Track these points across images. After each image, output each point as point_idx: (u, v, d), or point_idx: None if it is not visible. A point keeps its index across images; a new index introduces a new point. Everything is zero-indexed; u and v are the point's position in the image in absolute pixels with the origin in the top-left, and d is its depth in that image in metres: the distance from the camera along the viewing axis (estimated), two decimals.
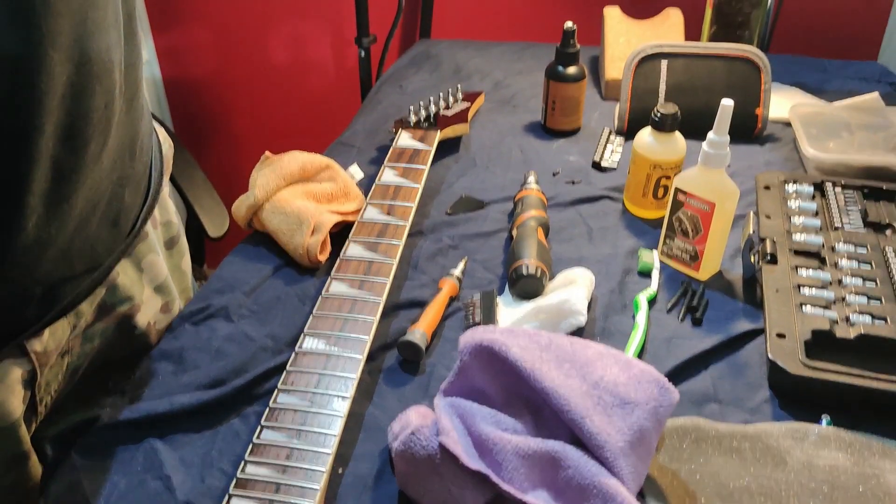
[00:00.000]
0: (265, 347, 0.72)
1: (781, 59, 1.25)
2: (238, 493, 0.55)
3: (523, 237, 0.80)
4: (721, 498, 0.57)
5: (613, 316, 0.76)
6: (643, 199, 0.89)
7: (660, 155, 0.85)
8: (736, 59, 1.04)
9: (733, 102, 0.72)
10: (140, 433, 0.64)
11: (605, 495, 0.52)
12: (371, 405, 0.67)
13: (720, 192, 0.75)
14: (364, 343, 0.67)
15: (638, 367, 0.59)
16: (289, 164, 0.86)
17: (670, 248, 0.82)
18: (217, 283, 0.81)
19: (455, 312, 0.77)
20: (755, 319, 0.74)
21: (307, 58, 1.69)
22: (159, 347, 0.74)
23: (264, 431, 0.59)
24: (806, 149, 0.95)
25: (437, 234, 0.88)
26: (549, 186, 0.96)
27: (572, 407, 0.55)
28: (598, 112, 1.14)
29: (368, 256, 0.77)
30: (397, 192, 0.86)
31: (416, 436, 0.56)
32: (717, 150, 0.74)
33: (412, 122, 1.00)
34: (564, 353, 0.60)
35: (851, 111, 1.03)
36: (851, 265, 0.76)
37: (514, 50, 1.36)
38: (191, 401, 0.65)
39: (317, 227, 0.81)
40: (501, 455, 0.55)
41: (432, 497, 0.55)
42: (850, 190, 0.87)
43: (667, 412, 0.57)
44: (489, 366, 0.60)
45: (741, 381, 0.69)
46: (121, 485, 0.60)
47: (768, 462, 0.59)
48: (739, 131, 1.00)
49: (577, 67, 1.03)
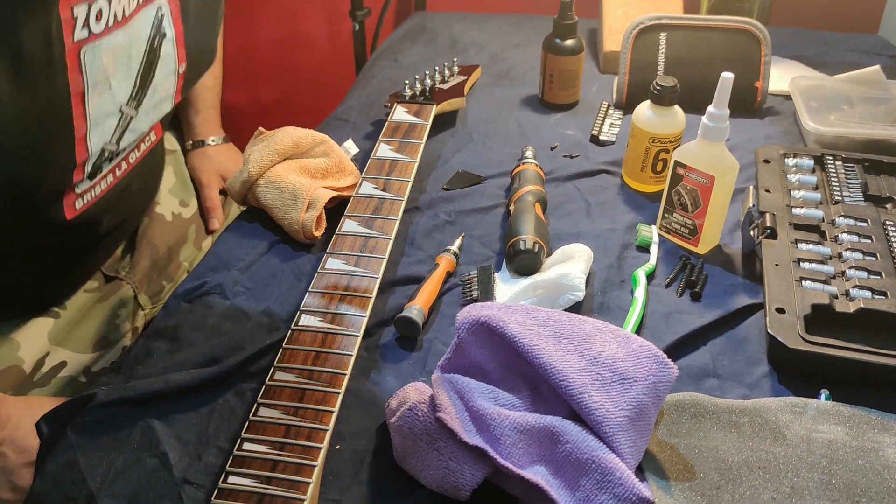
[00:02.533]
0: (261, 324, 0.72)
1: (781, 32, 1.24)
2: (235, 471, 0.55)
3: (521, 212, 0.79)
4: (720, 472, 0.57)
5: (612, 291, 0.75)
6: (642, 173, 0.88)
7: (659, 128, 0.84)
8: (735, 31, 1.02)
9: (733, 75, 0.71)
10: (136, 411, 0.63)
11: (603, 470, 0.52)
12: (368, 381, 0.67)
13: (720, 166, 0.74)
14: (361, 319, 0.66)
15: (636, 343, 0.59)
16: (282, 140, 0.85)
17: (669, 222, 0.81)
18: (212, 259, 0.81)
19: (452, 288, 0.76)
20: (754, 294, 0.74)
21: (300, 32, 1.66)
22: (154, 325, 0.73)
23: (261, 409, 0.59)
24: (806, 122, 0.94)
25: (434, 210, 0.87)
26: (547, 161, 0.95)
27: (571, 382, 0.55)
28: (596, 85, 1.13)
29: (364, 232, 0.76)
30: (393, 168, 0.85)
31: (414, 412, 0.56)
32: (717, 124, 0.73)
33: (407, 96, 0.99)
34: (562, 328, 0.59)
35: (852, 84, 1.02)
36: (852, 239, 0.76)
37: (510, 22, 1.35)
38: (187, 379, 0.65)
39: (312, 202, 0.80)
40: (499, 430, 0.54)
41: (430, 472, 0.55)
42: (850, 163, 0.87)
43: (666, 388, 0.57)
44: (487, 342, 0.60)
45: (740, 356, 0.68)
46: (117, 463, 0.59)
47: (767, 436, 0.59)
48: (739, 104, 0.99)
49: (574, 40, 1.02)
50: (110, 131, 0.71)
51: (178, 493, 0.57)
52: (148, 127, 0.80)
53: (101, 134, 0.70)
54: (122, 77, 0.70)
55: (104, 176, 0.76)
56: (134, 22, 0.69)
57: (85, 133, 0.67)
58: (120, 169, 0.79)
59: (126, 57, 0.70)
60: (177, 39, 0.77)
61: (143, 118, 0.77)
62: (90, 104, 0.66)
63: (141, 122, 0.77)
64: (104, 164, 0.75)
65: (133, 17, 0.69)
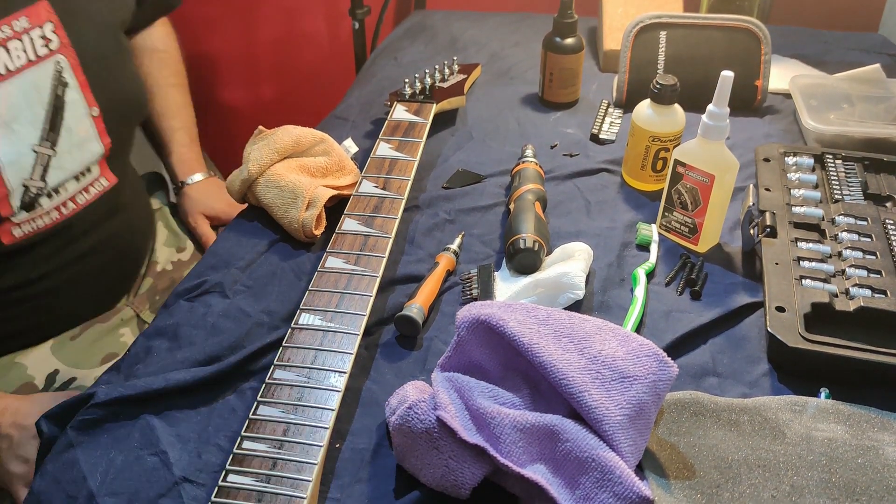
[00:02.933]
0: (261, 323, 0.72)
1: (781, 31, 1.24)
2: (235, 469, 0.55)
3: (521, 211, 0.79)
4: (719, 471, 0.57)
5: (612, 290, 0.75)
6: (642, 171, 0.88)
7: (659, 127, 0.84)
8: (736, 29, 1.02)
9: (733, 74, 0.71)
10: (136, 410, 0.63)
11: (603, 468, 0.52)
12: (368, 380, 0.67)
13: (720, 165, 0.74)
14: (361, 318, 0.66)
15: (636, 341, 0.59)
16: (282, 138, 0.85)
17: (669, 221, 0.81)
18: (212, 258, 0.81)
19: (452, 287, 0.76)
20: (754, 293, 0.74)
21: (300, 30, 1.66)
22: (154, 324, 0.73)
23: (261, 407, 0.59)
24: (806, 121, 0.94)
25: (434, 209, 0.87)
26: (547, 159, 0.95)
27: (570, 381, 0.55)
28: (596, 84, 1.13)
29: (364, 231, 0.76)
30: (393, 166, 0.85)
31: (414, 410, 0.56)
32: (717, 122, 0.73)
33: (407, 94, 0.99)
34: (562, 327, 0.59)
35: (852, 83, 1.02)
36: (851, 238, 0.76)
37: (510, 21, 1.34)
38: (186, 377, 0.65)
39: (312, 201, 0.80)
40: (499, 429, 0.54)
41: (430, 471, 0.55)
42: (850, 162, 0.87)
43: (665, 386, 0.57)
44: (487, 340, 0.60)
45: (740, 355, 0.68)
46: (117, 461, 0.59)
47: (767, 435, 0.59)
48: (739, 103, 0.99)
49: (574, 38, 1.01)
50: (28, 169, 0.79)
51: (178, 492, 0.57)
52: (79, 165, 0.86)
53: (18, 171, 0.78)
54: (25, 121, 0.79)
55: (46, 211, 0.83)
56: (27, 74, 0.78)
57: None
58: (66, 208, 0.86)
59: (25, 104, 0.79)
60: (81, 86, 0.84)
61: (67, 157, 0.84)
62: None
63: (65, 160, 0.83)
64: (40, 199, 0.82)
65: (23, 70, 0.78)
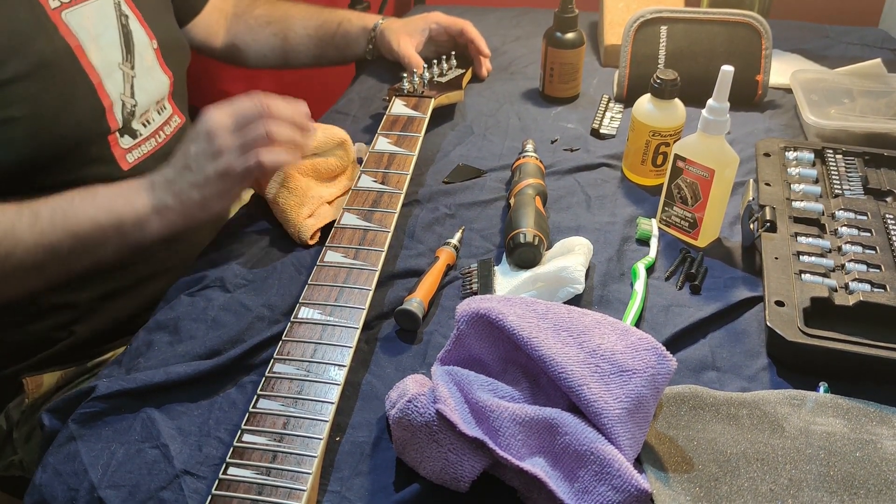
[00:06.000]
0: (261, 317, 0.72)
1: (782, 25, 1.23)
2: (235, 462, 0.55)
3: (521, 205, 0.79)
4: (718, 464, 0.57)
5: (611, 284, 0.75)
6: (642, 166, 0.88)
7: (659, 122, 0.84)
8: (736, 24, 1.02)
9: (733, 69, 0.71)
10: (137, 403, 0.63)
11: (602, 461, 0.52)
12: (368, 374, 0.67)
13: (720, 159, 0.74)
14: (360, 312, 0.67)
15: (636, 336, 0.59)
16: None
17: (669, 215, 0.81)
18: (213, 252, 0.81)
19: (452, 281, 0.76)
20: (754, 287, 0.74)
21: None
22: (155, 318, 0.73)
23: (261, 400, 0.59)
24: (807, 115, 0.94)
25: (434, 203, 0.87)
26: (547, 154, 0.95)
27: (570, 374, 0.55)
28: (596, 79, 1.13)
29: (363, 225, 0.76)
30: (391, 161, 0.85)
31: (414, 404, 0.56)
32: (717, 117, 0.73)
33: (406, 89, 0.99)
34: (562, 321, 0.60)
35: (853, 77, 1.02)
36: (851, 233, 0.76)
37: (511, 15, 1.34)
38: (187, 371, 0.65)
39: (315, 214, 0.81)
40: (498, 422, 0.55)
41: (430, 464, 0.55)
42: (850, 157, 0.87)
43: (664, 380, 0.57)
44: (486, 334, 0.60)
45: (739, 349, 0.68)
46: (118, 454, 0.60)
47: (765, 429, 0.59)
48: (739, 98, 0.99)
49: (575, 33, 1.01)
50: (120, 84, 0.84)
51: (179, 485, 0.57)
52: (155, 92, 0.90)
53: (114, 84, 0.83)
54: (106, 42, 0.83)
55: (146, 138, 0.88)
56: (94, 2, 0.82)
57: (101, 81, 0.81)
58: (158, 137, 0.91)
59: (102, 26, 0.83)
60: (139, 19, 0.89)
61: (145, 79, 0.88)
62: (92, 58, 0.80)
63: (144, 82, 0.88)
64: (134, 124, 0.87)
65: None
